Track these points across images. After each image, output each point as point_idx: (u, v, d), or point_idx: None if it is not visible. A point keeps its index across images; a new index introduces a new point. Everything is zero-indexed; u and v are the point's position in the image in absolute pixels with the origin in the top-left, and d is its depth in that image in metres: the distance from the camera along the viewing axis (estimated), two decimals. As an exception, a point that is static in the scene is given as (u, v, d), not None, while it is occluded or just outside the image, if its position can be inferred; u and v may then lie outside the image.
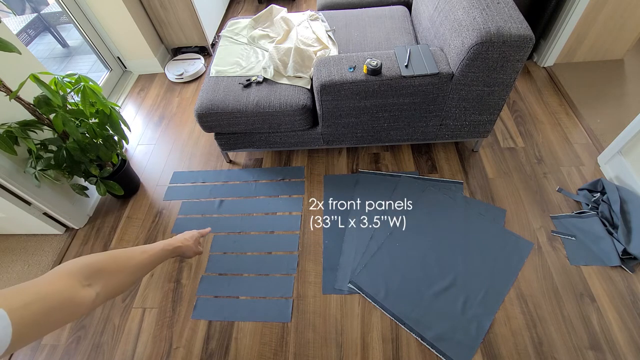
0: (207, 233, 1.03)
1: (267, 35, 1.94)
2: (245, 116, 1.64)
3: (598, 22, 2.07)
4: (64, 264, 0.59)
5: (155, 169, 2.04)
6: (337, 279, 1.51)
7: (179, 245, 0.86)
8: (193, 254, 0.93)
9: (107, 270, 0.63)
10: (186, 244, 0.89)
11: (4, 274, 1.68)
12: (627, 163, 1.63)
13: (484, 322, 1.35)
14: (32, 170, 1.44)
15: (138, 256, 0.72)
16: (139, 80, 2.65)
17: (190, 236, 0.93)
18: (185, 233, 0.94)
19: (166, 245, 0.83)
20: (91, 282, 0.58)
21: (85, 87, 1.36)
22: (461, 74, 1.41)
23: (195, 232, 0.97)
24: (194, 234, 0.96)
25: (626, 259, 1.45)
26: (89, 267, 0.60)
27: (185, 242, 0.89)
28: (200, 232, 0.99)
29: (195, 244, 0.93)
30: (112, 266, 0.65)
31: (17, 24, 2.94)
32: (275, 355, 1.35)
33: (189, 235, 0.93)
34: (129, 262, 0.69)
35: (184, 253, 0.89)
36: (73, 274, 0.57)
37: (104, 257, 0.65)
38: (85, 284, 0.57)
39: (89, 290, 0.57)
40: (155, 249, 0.79)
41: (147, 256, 0.75)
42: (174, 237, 0.90)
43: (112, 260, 0.66)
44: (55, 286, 0.53)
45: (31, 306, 0.47)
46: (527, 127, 2.00)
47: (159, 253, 0.79)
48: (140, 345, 1.42)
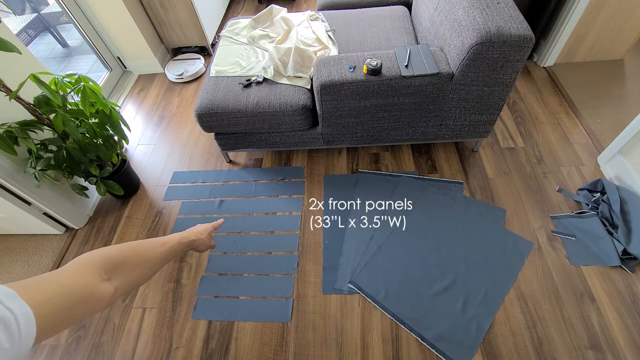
0: (219, 225, 1.00)
1: (267, 35, 1.94)
2: (245, 116, 1.64)
3: (598, 22, 2.07)
4: (85, 255, 0.57)
5: (155, 169, 2.04)
6: (337, 279, 1.51)
7: (193, 239, 0.85)
8: (206, 248, 0.91)
9: (127, 264, 0.61)
10: (200, 237, 0.87)
11: (4, 274, 1.68)
12: (627, 163, 1.63)
13: (484, 322, 1.35)
14: (32, 170, 1.44)
15: (158, 248, 0.71)
16: (139, 80, 2.65)
17: (204, 229, 0.91)
18: (198, 226, 0.92)
19: (182, 238, 0.81)
20: (111, 276, 0.57)
21: (85, 87, 1.36)
22: (461, 74, 1.41)
23: (208, 226, 0.94)
24: (208, 227, 0.93)
25: (626, 259, 1.45)
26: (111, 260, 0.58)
27: (199, 235, 0.88)
28: (213, 225, 0.97)
29: (208, 237, 0.92)
30: (133, 259, 0.63)
31: (17, 24, 2.94)
32: (275, 355, 1.35)
33: (203, 229, 0.91)
34: (149, 254, 0.68)
35: (197, 247, 0.88)
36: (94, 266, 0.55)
37: (126, 249, 0.63)
38: (105, 278, 0.55)
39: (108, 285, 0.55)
40: (173, 241, 0.77)
41: (166, 248, 0.73)
42: (188, 230, 0.88)
43: (133, 253, 0.64)
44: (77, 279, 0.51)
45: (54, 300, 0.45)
46: (527, 127, 2.00)
47: (176, 246, 0.77)
48: (140, 345, 1.42)
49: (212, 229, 0.95)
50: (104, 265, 0.57)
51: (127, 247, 0.64)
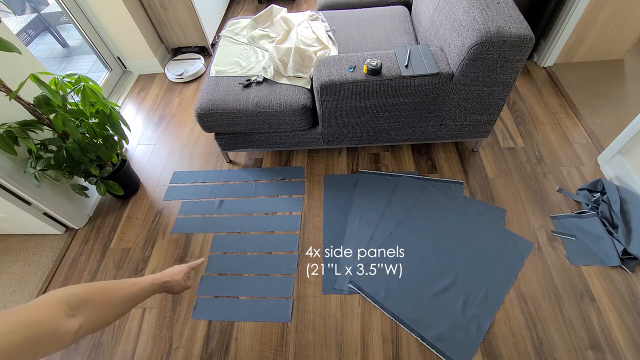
0: (197, 265, 0.98)
1: (267, 35, 1.94)
2: (245, 116, 1.64)
3: (598, 22, 2.07)
4: (53, 291, 0.58)
5: (155, 169, 2.04)
6: (337, 279, 1.51)
7: (167, 280, 0.84)
8: (181, 289, 0.90)
9: (94, 301, 0.61)
10: (175, 278, 0.87)
11: (4, 274, 1.68)
12: (627, 163, 1.63)
13: (484, 322, 1.35)
14: (32, 170, 1.44)
15: (127, 288, 0.70)
16: (139, 80, 2.65)
17: (179, 270, 0.90)
18: (174, 267, 0.91)
19: (155, 279, 0.81)
20: (76, 313, 0.57)
21: (85, 87, 1.36)
22: (461, 74, 1.41)
23: (184, 267, 0.94)
24: (184, 267, 0.93)
25: (626, 259, 1.45)
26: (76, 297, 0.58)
27: (174, 276, 0.87)
28: (189, 266, 0.96)
29: (184, 278, 0.91)
30: (100, 297, 0.63)
31: (17, 24, 2.94)
32: (275, 355, 1.35)
33: (178, 270, 0.90)
34: (117, 294, 0.67)
35: (172, 288, 0.87)
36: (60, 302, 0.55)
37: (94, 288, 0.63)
38: (70, 314, 0.55)
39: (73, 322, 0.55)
40: (145, 282, 0.77)
41: (136, 289, 0.73)
42: (163, 271, 0.88)
43: (100, 291, 0.64)
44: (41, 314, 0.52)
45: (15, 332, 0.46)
46: (527, 127, 2.00)
47: (147, 287, 0.77)
48: (140, 345, 1.42)
49: (188, 270, 0.94)
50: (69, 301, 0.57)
51: (95, 286, 0.64)
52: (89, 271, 1.65)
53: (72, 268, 1.67)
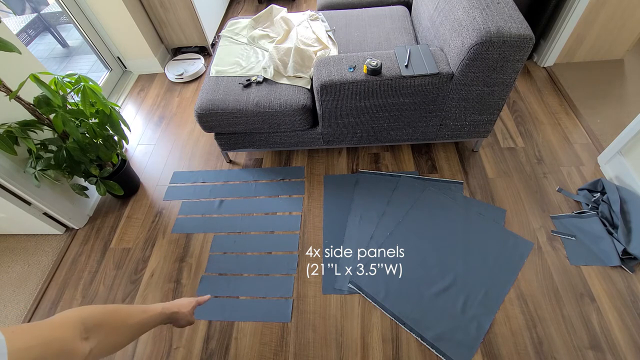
0: (204, 301, 0.98)
1: (267, 35, 1.94)
2: (245, 116, 1.64)
3: (598, 22, 2.07)
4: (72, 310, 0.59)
5: (155, 169, 2.04)
6: (337, 279, 1.51)
7: (175, 311, 0.85)
8: (186, 324, 0.90)
9: (107, 326, 0.62)
10: (182, 310, 0.87)
11: (4, 274, 1.68)
12: (627, 163, 1.63)
13: (484, 322, 1.35)
14: (32, 170, 1.44)
15: (138, 315, 0.71)
16: (139, 80, 2.65)
17: (187, 303, 0.90)
18: (183, 299, 0.91)
19: (165, 308, 0.81)
20: (89, 336, 0.58)
21: (85, 87, 1.36)
22: (461, 74, 1.41)
23: (192, 300, 0.94)
24: (192, 301, 0.93)
25: (626, 259, 1.45)
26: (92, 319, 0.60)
27: (182, 308, 0.87)
28: (197, 300, 0.95)
29: (190, 312, 0.91)
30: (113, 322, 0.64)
31: (17, 24, 2.94)
32: (275, 355, 1.35)
33: (187, 302, 0.90)
34: (129, 320, 0.69)
35: (178, 320, 0.87)
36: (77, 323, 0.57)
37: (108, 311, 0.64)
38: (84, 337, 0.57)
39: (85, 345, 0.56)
40: (155, 310, 0.77)
41: (147, 316, 0.73)
42: (172, 301, 0.88)
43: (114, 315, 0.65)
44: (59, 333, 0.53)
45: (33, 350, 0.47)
46: (527, 127, 2.00)
47: (157, 316, 0.77)
48: (140, 345, 1.42)
49: (195, 304, 0.94)
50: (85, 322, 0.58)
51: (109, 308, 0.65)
52: (89, 271, 1.65)
53: (72, 268, 1.67)
